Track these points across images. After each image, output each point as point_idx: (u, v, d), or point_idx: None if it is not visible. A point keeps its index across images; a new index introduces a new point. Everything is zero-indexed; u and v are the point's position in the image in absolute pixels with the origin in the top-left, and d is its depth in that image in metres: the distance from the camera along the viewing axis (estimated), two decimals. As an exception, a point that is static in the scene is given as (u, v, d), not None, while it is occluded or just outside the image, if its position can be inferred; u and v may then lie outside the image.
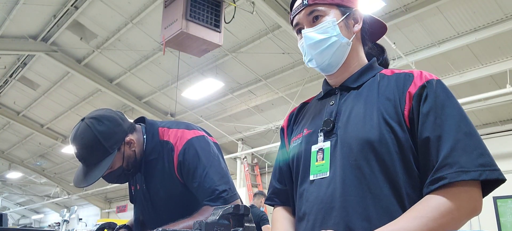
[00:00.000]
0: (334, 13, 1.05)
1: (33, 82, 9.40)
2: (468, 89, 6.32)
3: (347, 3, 1.07)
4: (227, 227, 1.15)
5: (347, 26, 1.06)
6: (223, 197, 1.43)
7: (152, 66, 7.93)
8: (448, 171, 0.82)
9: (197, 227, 1.14)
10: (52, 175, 15.42)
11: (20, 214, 22.42)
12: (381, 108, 0.95)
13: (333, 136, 0.99)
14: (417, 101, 0.92)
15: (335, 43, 1.05)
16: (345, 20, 1.06)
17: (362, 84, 1.05)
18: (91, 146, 1.41)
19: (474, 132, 0.88)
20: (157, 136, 1.55)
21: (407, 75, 0.99)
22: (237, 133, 9.71)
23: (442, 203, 0.81)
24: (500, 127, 7.07)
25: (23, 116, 11.16)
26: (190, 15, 4.37)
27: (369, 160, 0.91)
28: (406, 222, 0.82)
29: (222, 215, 1.17)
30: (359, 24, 1.08)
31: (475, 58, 5.98)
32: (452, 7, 5.30)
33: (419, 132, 0.89)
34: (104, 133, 1.42)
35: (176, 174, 1.50)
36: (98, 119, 1.45)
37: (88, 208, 17.07)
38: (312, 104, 1.19)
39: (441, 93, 0.92)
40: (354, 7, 1.08)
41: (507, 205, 6.66)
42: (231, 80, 8.00)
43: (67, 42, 7.63)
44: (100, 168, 1.42)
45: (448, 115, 0.88)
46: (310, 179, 1.01)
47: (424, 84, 0.93)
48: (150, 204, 1.59)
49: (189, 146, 1.48)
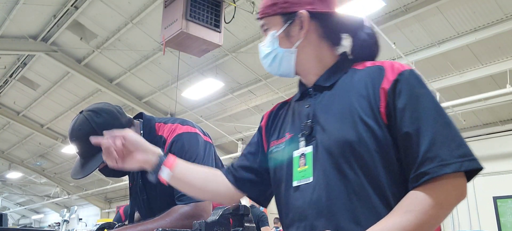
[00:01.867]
0: (276, 24, 1.05)
1: (33, 82, 9.40)
2: (468, 89, 6.32)
3: (289, 9, 1.03)
4: (227, 227, 1.15)
5: (288, 35, 1.04)
6: (187, 195, 1.40)
7: (152, 66, 7.94)
8: (430, 165, 0.83)
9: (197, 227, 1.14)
10: (52, 175, 15.42)
11: (20, 214, 22.42)
12: (356, 106, 0.93)
13: (313, 139, 0.98)
14: (392, 97, 0.90)
15: (277, 56, 1.05)
16: (287, 29, 1.04)
17: (336, 83, 1.02)
18: (88, 138, 1.38)
19: (450, 121, 0.89)
20: (154, 131, 1.57)
21: (378, 69, 0.96)
22: (237, 133, 9.71)
23: (429, 196, 0.82)
24: (500, 127, 7.08)
25: (23, 116, 11.16)
26: (190, 15, 4.36)
27: (350, 162, 0.90)
28: (398, 217, 0.82)
29: (222, 215, 1.17)
30: (305, 28, 1.02)
31: (475, 58, 5.98)
32: (452, 7, 5.31)
33: (398, 128, 0.89)
34: (102, 125, 1.43)
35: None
36: (96, 112, 1.47)
37: (88, 208, 17.07)
38: (291, 105, 1.14)
39: (415, 84, 0.91)
40: (298, 9, 1.03)
41: (507, 205, 6.66)
42: (231, 80, 8.00)
43: (67, 42, 7.64)
44: (96, 159, 1.42)
45: (424, 107, 0.88)
46: (294, 185, 0.99)
47: (396, 78, 0.91)
48: (145, 198, 1.60)
49: (178, 139, 1.49)
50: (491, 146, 7.09)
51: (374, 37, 1.07)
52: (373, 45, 1.07)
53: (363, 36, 1.07)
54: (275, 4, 1.05)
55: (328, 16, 1.05)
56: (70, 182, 15.86)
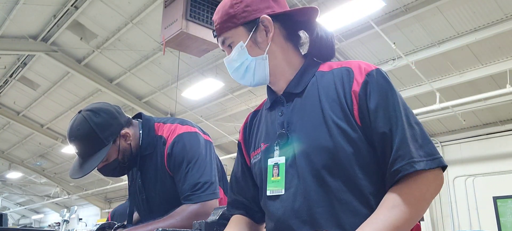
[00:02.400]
0: (241, 35, 1.03)
1: (33, 82, 9.40)
2: (468, 89, 6.32)
3: (250, 17, 1.02)
4: (227, 227, 1.15)
5: (256, 42, 1.03)
6: (196, 194, 1.44)
7: (152, 66, 7.94)
8: (401, 163, 0.86)
9: (197, 227, 1.14)
10: (52, 175, 15.42)
11: (20, 214, 22.42)
12: (329, 112, 0.94)
13: (289, 148, 0.97)
14: (364, 99, 0.92)
15: (250, 65, 1.04)
16: (253, 37, 1.03)
17: (305, 88, 1.01)
18: (87, 137, 1.43)
19: (416, 119, 0.92)
20: (153, 131, 1.58)
21: (346, 71, 0.96)
22: (237, 133, 9.70)
23: (409, 191, 0.85)
24: (500, 127, 7.07)
25: (23, 115, 11.16)
26: (190, 15, 4.37)
27: (329, 168, 0.91)
28: (386, 214, 0.84)
29: (222, 215, 1.17)
30: (271, 30, 1.02)
31: (475, 58, 5.98)
32: (452, 7, 5.30)
33: (373, 129, 0.90)
34: (100, 125, 1.44)
35: (166, 167, 1.52)
36: (94, 111, 1.47)
37: (88, 208, 17.07)
38: (263, 114, 1.14)
39: (383, 84, 0.92)
40: (259, 15, 1.02)
41: (507, 205, 6.66)
42: (231, 80, 7.99)
43: (67, 42, 7.63)
44: (95, 159, 1.43)
45: (394, 106, 0.91)
46: (267, 194, 1.00)
47: (365, 79, 0.92)
48: (144, 198, 1.60)
49: (179, 139, 1.50)
50: (491, 146, 7.09)
51: (330, 34, 1.08)
52: (330, 42, 1.07)
53: (320, 33, 1.07)
54: (233, 16, 1.03)
55: (287, 16, 1.05)
56: (70, 182, 15.86)
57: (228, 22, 1.04)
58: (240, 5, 1.03)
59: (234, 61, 1.06)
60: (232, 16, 1.03)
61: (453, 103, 6.27)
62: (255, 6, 1.03)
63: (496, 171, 6.90)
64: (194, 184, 1.45)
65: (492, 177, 6.95)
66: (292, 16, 1.06)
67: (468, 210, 7.12)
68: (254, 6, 1.03)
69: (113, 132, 1.47)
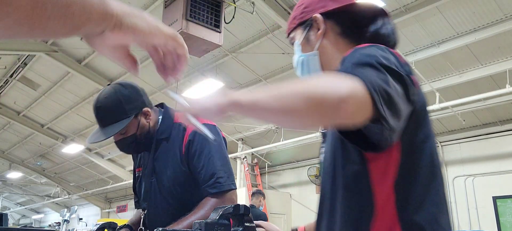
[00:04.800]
0: (299, 34, 1.12)
1: (33, 82, 9.41)
2: (468, 89, 6.33)
3: (305, 17, 1.10)
4: (227, 227, 1.16)
5: (308, 40, 1.09)
6: (220, 182, 1.52)
7: (152, 66, 7.82)
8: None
9: (197, 227, 1.14)
10: (53, 175, 15.43)
11: (21, 214, 22.43)
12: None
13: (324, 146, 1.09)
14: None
15: (303, 62, 1.11)
16: (306, 36, 1.10)
17: None
18: (112, 106, 1.54)
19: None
20: (172, 119, 1.68)
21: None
22: (237, 133, 9.72)
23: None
24: (500, 127, 7.08)
25: (24, 115, 11.17)
26: (190, 16, 4.37)
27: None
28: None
29: (222, 215, 1.18)
30: (320, 28, 1.06)
31: (475, 58, 5.98)
32: (451, 7, 5.31)
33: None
34: (126, 97, 1.56)
35: (183, 153, 1.58)
36: (123, 85, 1.61)
37: (89, 208, 17.08)
38: None
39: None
40: (312, 15, 1.08)
41: (507, 205, 6.66)
42: (231, 81, 8.00)
43: (68, 42, 7.64)
44: (115, 126, 1.52)
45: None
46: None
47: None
48: (155, 183, 1.64)
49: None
50: (491, 146, 7.10)
51: (390, 30, 1.05)
52: (390, 39, 1.05)
53: (378, 29, 1.05)
54: (294, 17, 1.13)
55: (343, 13, 1.07)
56: (70, 182, 15.87)
57: (291, 23, 1.14)
58: (301, 7, 1.12)
59: (294, 59, 1.15)
60: (294, 18, 1.13)
61: (453, 103, 6.27)
62: (312, 6, 1.09)
63: (496, 171, 6.91)
64: (214, 173, 1.53)
65: (491, 177, 6.96)
66: (349, 12, 1.07)
67: (468, 210, 7.13)
68: (311, 7, 1.10)
69: (136, 106, 1.57)
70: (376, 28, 1.04)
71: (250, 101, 0.74)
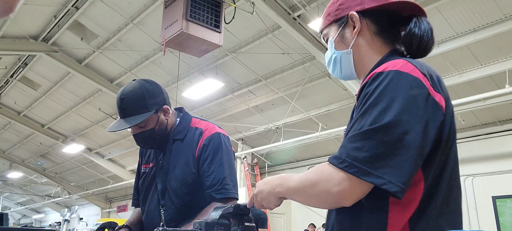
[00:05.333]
0: (333, 31, 1.10)
1: (34, 83, 9.42)
2: (468, 89, 6.33)
3: (340, 14, 1.08)
4: (227, 226, 1.17)
5: (343, 38, 1.08)
6: (227, 189, 1.59)
7: (153, 67, 7.95)
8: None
9: (197, 227, 1.15)
10: (53, 175, 15.44)
11: (21, 214, 22.45)
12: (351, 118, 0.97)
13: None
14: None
15: (336, 59, 1.10)
16: (341, 33, 1.08)
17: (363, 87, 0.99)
18: (136, 98, 1.61)
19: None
20: (189, 122, 1.74)
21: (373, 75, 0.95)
22: (237, 133, 9.72)
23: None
24: (499, 127, 7.09)
25: (24, 115, 11.18)
26: (190, 16, 4.38)
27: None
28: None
29: (222, 215, 1.18)
30: (357, 26, 1.04)
31: (475, 58, 5.99)
32: (451, 7, 5.32)
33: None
34: (150, 92, 1.63)
35: (196, 156, 1.64)
36: (147, 81, 1.68)
37: (89, 207, 17.08)
38: None
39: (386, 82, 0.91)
40: (348, 12, 1.06)
41: (506, 204, 6.67)
42: (231, 80, 8.01)
43: (68, 42, 7.65)
44: (136, 118, 1.60)
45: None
46: None
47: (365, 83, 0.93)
48: (164, 179, 1.68)
49: (217, 136, 1.68)
50: (490, 146, 7.10)
51: (425, 30, 1.03)
52: (425, 38, 1.03)
53: (414, 29, 1.02)
54: (329, 14, 1.12)
55: (379, 11, 1.05)
56: (70, 182, 15.88)
57: (325, 19, 1.13)
58: (336, 4, 1.10)
59: (327, 55, 1.14)
60: (328, 14, 1.12)
61: (452, 103, 6.26)
62: (347, 4, 1.07)
63: (495, 171, 6.92)
64: (221, 179, 1.59)
65: (491, 176, 6.96)
66: (385, 11, 1.06)
67: (468, 210, 7.13)
68: (346, 4, 1.08)
69: (157, 102, 1.64)
70: (410, 27, 1.03)
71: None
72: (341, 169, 0.84)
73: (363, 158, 0.82)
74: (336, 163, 0.85)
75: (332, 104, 7.95)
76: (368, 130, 0.83)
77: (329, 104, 7.99)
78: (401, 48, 1.06)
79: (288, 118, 8.49)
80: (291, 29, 5.93)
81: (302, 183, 0.93)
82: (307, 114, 8.31)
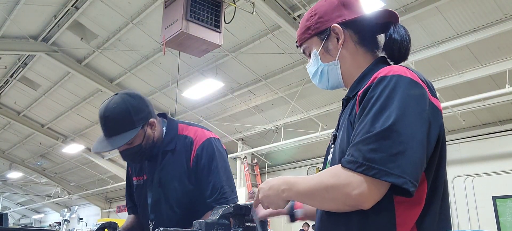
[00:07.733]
0: (316, 44, 1.12)
1: (33, 83, 9.42)
2: (468, 89, 6.33)
3: (321, 27, 1.10)
4: (227, 227, 1.17)
5: (327, 50, 1.10)
6: (226, 197, 1.56)
7: (152, 67, 7.95)
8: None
9: (197, 227, 1.15)
10: (53, 175, 15.44)
11: (21, 214, 22.44)
12: (349, 122, 0.98)
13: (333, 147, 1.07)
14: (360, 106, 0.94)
15: (324, 71, 1.12)
16: (325, 45, 1.10)
17: (355, 94, 1.01)
18: (121, 116, 1.51)
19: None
20: (176, 130, 1.67)
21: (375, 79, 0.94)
22: (237, 133, 9.72)
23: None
24: (500, 127, 7.09)
25: (24, 116, 11.18)
26: (190, 16, 4.38)
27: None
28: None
29: (222, 215, 1.18)
30: (341, 37, 1.08)
31: (475, 58, 5.99)
32: (451, 7, 5.32)
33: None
34: (135, 107, 1.54)
35: (191, 166, 1.60)
36: (130, 95, 1.57)
37: (89, 207, 17.09)
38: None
39: (393, 86, 0.92)
40: (330, 24, 1.09)
41: (507, 204, 6.67)
42: (231, 80, 8.01)
43: (68, 42, 7.65)
44: (123, 137, 1.50)
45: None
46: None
47: (369, 85, 0.94)
48: (162, 194, 1.65)
49: (209, 143, 1.62)
50: (490, 146, 7.10)
51: (404, 36, 1.08)
52: (404, 44, 1.07)
53: (394, 35, 1.08)
54: (308, 28, 1.13)
55: (359, 22, 1.10)
56: (70, 182, 15.88)
57: (305, 33, 1.14)
58: (314, 17, 1.12)
59: (311, 67, 1.15)
60: (308, 28, 1.13)
61: (453, 103, 6.28)
62: (327, 17, 1.10)
63: (496, 171, 6.92)
64: (219, 187, 1.57)
65: (491, 176, 6.96)
66: (364, 21, 1.10)
67: (468, 210, 7.13)
68: (326, 17, 1.10)
69: (144, 117, 1.56)
70: (390, 33, 1.08)
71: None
72: (359, 173, 0.85)
73: (381, 159, 0.83)
74: (354, 167, 0.86)
75: (332, 104, 7.95)
76: (382, 130, 0.85)
77: (329, 104, 7.99)
78: (383, 54, 1.11)
79: (288, 118, 8.49)
80: (291, 29, 5.93)
81: (315, 187, 0.92)
82: (307, 114, 8.31)
